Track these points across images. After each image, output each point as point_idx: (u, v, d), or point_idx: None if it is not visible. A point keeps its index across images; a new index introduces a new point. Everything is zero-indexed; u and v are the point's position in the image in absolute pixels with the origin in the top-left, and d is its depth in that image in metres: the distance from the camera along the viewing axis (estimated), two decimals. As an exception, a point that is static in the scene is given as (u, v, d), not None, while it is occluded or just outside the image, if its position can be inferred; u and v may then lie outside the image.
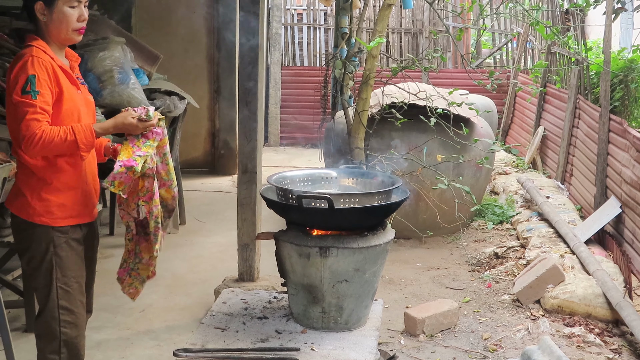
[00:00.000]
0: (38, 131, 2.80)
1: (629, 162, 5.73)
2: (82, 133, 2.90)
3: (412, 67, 6.06)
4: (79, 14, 3.00)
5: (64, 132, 2.86)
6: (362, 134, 5.84)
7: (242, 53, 4.81)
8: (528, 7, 6.86)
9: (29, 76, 2.83)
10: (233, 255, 5.14)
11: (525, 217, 6.80)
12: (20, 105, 2.82)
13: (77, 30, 3.02)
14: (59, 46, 3.05)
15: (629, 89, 7.22)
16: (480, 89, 8.36)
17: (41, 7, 2.96)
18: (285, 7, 12.87)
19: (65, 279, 3.03)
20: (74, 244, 3.06)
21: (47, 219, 2.99)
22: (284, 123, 12.53)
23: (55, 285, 3.01)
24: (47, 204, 2.99)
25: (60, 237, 3.01)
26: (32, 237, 3.00)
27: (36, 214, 2.98)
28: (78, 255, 3.09)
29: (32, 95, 2.82)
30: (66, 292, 3.04)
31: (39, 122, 2.82)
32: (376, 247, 3.21)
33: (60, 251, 3.01)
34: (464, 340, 4.59)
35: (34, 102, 2.82)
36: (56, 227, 3.00)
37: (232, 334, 3.25)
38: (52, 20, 2.97)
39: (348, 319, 3.28)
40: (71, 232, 3.05)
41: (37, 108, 2.82)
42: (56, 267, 3.01)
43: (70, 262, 3.05)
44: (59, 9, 2.96)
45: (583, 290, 4.88)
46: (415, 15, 12.82)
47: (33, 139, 2.79)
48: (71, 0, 2.97)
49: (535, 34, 10.64)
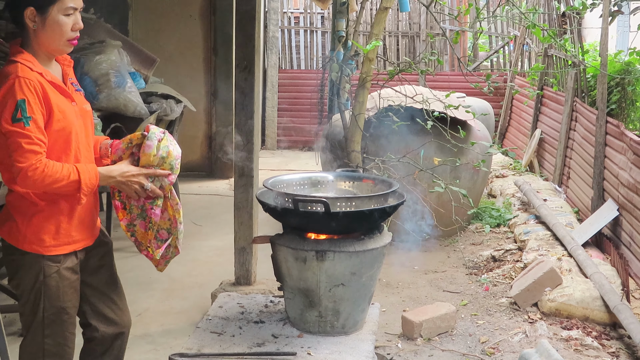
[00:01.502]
0: (39, 165, 2.56)
1: (626, 164, 5.73)
2: (86, 174, 2.68)
3: (409, 70, 6.07)
4: (73, 22, 2.70)
5: (67, 170, 2.63)
6: (358, 137, 5.84)
7: (238, 56, 4.80)
8: (525, 10, 6.86)
9: (18, 101, 2.54)
10: (230, 258, 5.12)
11: (523, 220, 6.79)
12: (12, 135, 2.55)
13: (70, 41, 2.73)
14: (47, 56, 2.75)
15: (626, 91, 7.23)
16: (477, 92, 8.37)
17: (32, 14, 2.64)
18: (282, 10, 12.87)
19: (53, 310, 2.81)
20: (66, 274, 2.82)
21: (38, 246, 2.74)
22: (281, 126, 12.52)
23: (42, 314, 2.80)
24: (38, 230, 2.73)
25: (52, 266, 2.77)
26: (21, 264, 2.77)
27: (26, 241, 2.74)
28: (70, 285, 2.85)
29: (24, 122, 2.54)
30: (52, 322, 2.82)
31: (37, 153, 2.57)
32: (373, 250, 3.20)
33: (50, 281, 2.77)
34: (461, 344, 4.58)
35: (27, 130, 2.54)
36: (47, 255, 2.76)
37: (229, 338, 3.23)
38: (44, 29, 2.66)
39: (345, 323, 3.27)
40: (64, 261, 2.81)
41: (33, 138, 2.56)
42: (44, 297, 2.78)
43: (60, 292, 2.80)
44: (53, 17, 2.65)
45: (581, 293, 4.87)
46: (412, 18, 12.83)
47: (33, 173, 2.56)
48: (67, 8, 2.66)
49: (532, 37, 10.65)
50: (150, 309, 5.11)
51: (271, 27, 12.43)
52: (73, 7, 2.69)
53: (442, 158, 5.81)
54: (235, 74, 4.83)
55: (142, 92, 6.48)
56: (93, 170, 2.72)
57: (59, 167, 2.62)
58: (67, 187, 2.65)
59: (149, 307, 5.15)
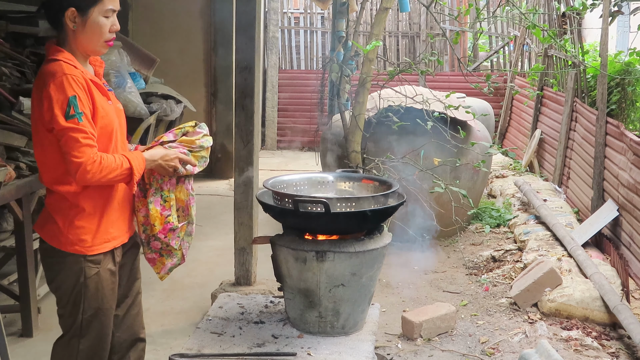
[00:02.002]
0: (96, 158, 2.62)
1: (626, 165, 5.74)
2: (136, 160, 2.77)
3: (409, 70, 6.07)
4: (111, 23, 2.77)
5: (119, 159, 2.71)
6: (358, 138, 5.84)
7: (238, 56, 4.80)
8: (525, 10, 6.86)
9: (70, 98, 2.59)
10: (230, 259, 5.12)
11: (523, 220, 6.79)
12: (67, 132, 2.59)
13: (107, 42, 2.79)
14: (84, 56, 2.81)
15: (626, 92, 7.23)
16: (477, 92, 8.37)
17: (73, 14, 2.69)
18: (282, 10, 12.88)
19: (92, 311, 2.86)
20: (105, 275, 2.87)
21: (79, 247, 2.78)
22: (281, 126, 12.53)
23: (81, 316, 2.85)
24: (80, 231, 2.78)
25: (92, 267, 2.81)
26: (62, 266, 2.81)
27: (68, 242, 2.77)
28: (109, 286, 2.90)
29: (77, 118, 2.60)
30: (90, 324, 2.87)
31: (93, 147, 2.63)
32: (373, 251, 3.20)
33: (90, 283, 2.82)
34: (461, 344, 4.58)
35: (81, 125, 2.60)
36: (89, 256, 2.80)
37: (229, 338, 3.23)
38: (84, 30, 2.72)
39: (345, 323, 3.27)
40: (104, 262, 2.85)
41: (88, 133, 2.62)
42: (84, 299, 2.83)
43: (99, 294, 2.86)
44: (93, 18, 2.71)
45: (580, 293, 4.88)
46: (412, 18, 12.83)
47: (92, 166, 2.61)
48: (106, 10, 2.73)
49: (532, 37, 10.65)
50: (150, 309, 5.11)
51: (271, 28, 12.43)
52: (112, 10, 2.77)
53: (442, 158, 5.81)
54: (235, 74, 4.83)
55: (142, 93, 6.48)
56: (140, 156, 2.82)
57: (112, 158, 2.69)
58: (121, 176, 2.73)
59: (149, 307, 5.15)
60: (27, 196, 4.54)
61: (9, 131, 4.77)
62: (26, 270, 4.56)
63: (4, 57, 5.59)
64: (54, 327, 4.77)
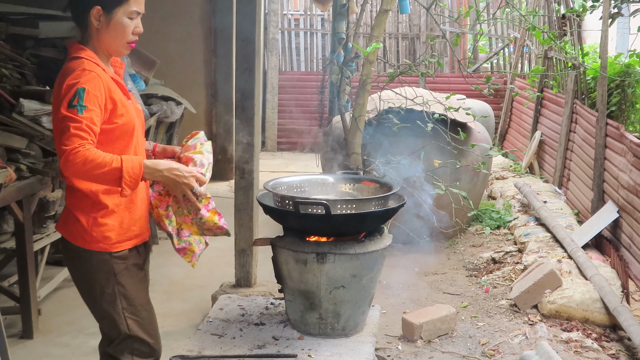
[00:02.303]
0: (81, 148, 2.51)
1: (626, 166, 5.74)
2: (129, 163, 2.59)
3: (409, 72, 6.07)
4: (135, 25, 2.78)
5: (110, 157, 2.56)
6: (359, 139, 5.84)
7: (238, 58, 4.80)
8: (525, 12, 6.87)
9: (78, 89, 2.56)
10: (230, 261, 5.12)
11: (523, 222, 6.80)
12: (65, 120, 2.54)
13: (129, 43, 2.81)
14: (106, 56, 2.82)
15: (626, 93, 7.23)
16: (477, 94, 8.38)
17: (98, 13, 2.70)
18: (282, 12, 12.89)
19: (132, 309, 2.83)
20: (134, 270, 2.85)
21: (104, 244, 2.75)
22: (281, 128, 12.53)
23: (123, 315, 2.81)
24: (104, 228, 2.74)
25: (120, 264, 2.78)
26: (89, 266, 2.77)
27: (93, 240, 2.73)
28: (140, 282, 2.89)
29: (77, 109, 2.54)
30: (136, 322, 2.83)
31: (83, 139, 2.53)
32: (373, 252, 3.21)
33: (122, 279, 2.79)
34: (461, 346, 4.58)
35: (79, 117, 2.54)
36: (115, 253, 2.77)
37: (229, 340, 3.24)
38: (108, 29, 2.73)
39: (345, 325, 3.27)
40: (130, 258, 2.83)
41: (83, 125, 2.54)
42: (120, 297, 2.80)
43: (134, 290, 2.83)
44: (118, 18, 2.72)
45: (580, 295, 4.88)
46: (412, 20, 12.85)
47: (75, 156, 2.50)
48: (131, 12, 2.75)
49: (532, 39, 10.66)
50: (150, 311, 5.11)
51: (271, 29, 12.44)
52: (137, 12, 2.78)
53: (443, 160, 5.82)
54: (236, 75, 4.84)
55: (143, 94, 6.48)
56: (137, 160, 2.63)
57: (101, 154, 2.55)
58: (109, 176, 2.56)
59: (150, 309, 5.14)
60: (28, 198, 4.55)
61: (9, 133, 4.78)
62: (26, 272, 4.56)
63: (4, 59, 5.60)
64: (55, 329, 4.79)
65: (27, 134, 4.87)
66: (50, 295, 5.27)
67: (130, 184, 2.60)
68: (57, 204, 5.13)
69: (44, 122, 4.99)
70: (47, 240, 5.02)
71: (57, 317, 5.00)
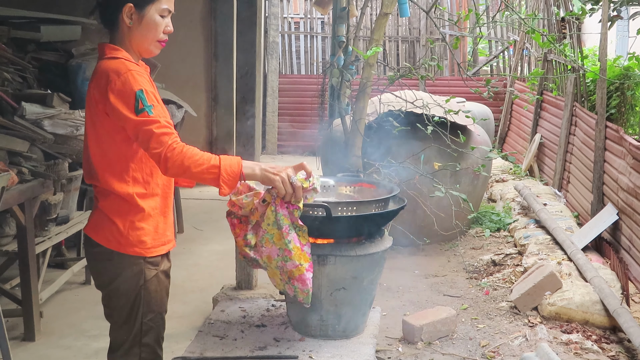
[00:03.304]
0: (176, 145, 2.50)
1: (625, 169, 5.75)
2: (227, 160, 2.58)
3: (409, 75, 6.08)
4: (166, 24, 2.73)
5: (208, 155, 2.56)
6: (359, 142, 5.85)
7: (239, 61, 4.82)
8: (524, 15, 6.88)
9: (137, 93, 2.53)
10: (231, 263, 5.14)
11: (523, 225, 6.81)
12: (140, 126, 2.51)
13: (160, 42, 2.76)
14: (137, 56, 2.76)
15: (625, 96, 7.25)
16: (477, 97, 8.40)
17: (130, 10, 2.66)
18: (283, 15, 12.91)
19: (152, 315, 2.79)
20: (162, 277, 2.81)
21: (140, 249, 2.70)
22: (282, 131, 12.55)
23: (140, 321, 2.76)
24: (140, 232, 2.70)
25: (151, 269, 2.75)
26: (121, 269, 2.71)
27: (129, 244, 2.69)
28: (165, 290, 2.85)
29: (147, 111, 2.52)
30: (150, 329, 2.80)
31: (171, 134, 2.53)
32: (374, 254, 3.22)
33: (150, 285, 2.75)
34: (461, 348, 4.59)
35: (153, 118, 2.52)
36: (148, 258, 2.73)
37: (231, 342, 3.25)
38: (140, 27, 2.69)
39: (346, 326, 3.28)
40: (161, 264, 2.80)
41: (162, 122, 2.53)
42: (143, 302, 2.75)
43: (158, 296, 2.80)
44: (150, 16, 2.68)
45: (580, 297, 4.89)
46: (412, 23, 12.87)
47: (172, 153, 2.49)
48: (163, 9, 2.70)
49: (531, 42, 10.69)
50: (151, 314, 5.12)
51: (271, 33, 12.47)
52: (168, 10, 2.74)
53: (443, 163, 5.83)
54: (236, 79, 4.85)
55: (143, 98, 6.49)
56: (235, 158, 2.62)
57: (197, 151, 2.55)
58: (207, 174, 2.55)
59: (151, 311, 5.15)
60: (30, 201, 4.56)
61: (11, 136, 4.80)
62: (28, 274, 4.57)
63: (6, 63, 5.62)
64: (56, 331, 4.80)
65: (28, 138, 4.89)
66: (52, 298, 5.29)
67: (229, 182, 2.58)
68: (58, 207, 5.15)
69: (45, 126, 5.01)
70: (48, 243, 5.04)
71: (59, 319, 5.01)
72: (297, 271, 2.89)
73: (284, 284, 2.98)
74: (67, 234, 5.38)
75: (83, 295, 5.47)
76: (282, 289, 3.03)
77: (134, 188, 2.69)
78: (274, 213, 2.83)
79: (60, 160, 5.14)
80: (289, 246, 2.85)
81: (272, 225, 2.86)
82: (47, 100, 5.24)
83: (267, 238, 2.88)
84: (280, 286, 3.02)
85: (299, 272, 2.89)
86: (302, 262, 2.89)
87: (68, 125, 5.11)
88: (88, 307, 5.16)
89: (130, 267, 2.71)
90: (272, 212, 2.84)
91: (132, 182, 2.68)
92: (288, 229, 2.84)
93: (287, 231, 2.84)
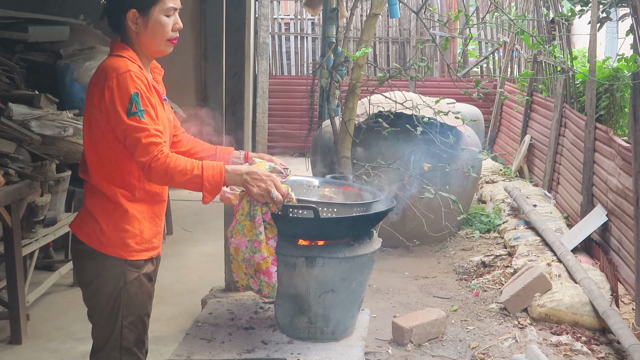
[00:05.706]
0: (160, 156, 2.52)
1: (615, 170, 5.76)
2: (209, 170, 2.60)
3: (398, 76, 6.08)
4: (173, 22, 2.71)
5: (191, 164, 2.58)
6: (348, 143, 5.84)
7: (228, 62, 4.80)
8: (514, 16, 6.89)
9: (132, 95, 2.53)
10: (220, 265, 5.12)
11: (513, 226, 6.81)
12: (131, 131, 2.52)
13: (171, 41, 2.74)
14: (148, 58, 2.76)
15: (615, 97, 7.27)
16: (467, 98, 8.39)
17: (134, 16, 2.65)
18: (273, 16, 12.89)
19: (132, 318, 2.75)
20: (144, 280, 2.78)
21: (122, 251, 2.68)
22: (272, 132, 12.52)
23: (120, 324, 2.72)
24: (124, 235, 2.68)
25: (133, 272, 2.72)
26: (101, 269, 2.69)
27: (110, 244, 2.67)
28: (147, 292, 2.83)
29: (139, 116, 2.52)
30: (130, 332, 2.76)
31: (157, 144, 2.53)
32: (362, 256, 3.20)
33: (131, 287, 2.71)
34: (451, 349, 4.59)
35: (144, 124, 2.52)
36: (130, 260, 2.71)
37: (218, 344, 3.23)
38: (146, 31, 2.67)
39: (335, 329, 3.26)
40: (144, 267, 2.77)
41: (151, 130, 2.53)
42: (123, 305, 2.71)
43: (139, 299, 2.76)
44: (155, 18, 2.66)
45: (570, 298, 4.89)
46: (402, 24, 12.87)
47: (156, 164, 2.51)
48: (167, 9, 2.67)
49: (521, 43, 10.70)
50: (140, 316, 5.09)
51: (261, 33, 12.43)
52: (173, 8, 2.71)
53: (432, 164, 5.82)
54: (226, 80, 4.84)
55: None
56: (218, 167, 2.64)
57: (182, 160, 2.57)
58: (191, 183, 2.59)
59: (139, 313, 5.13)
60: (16, 202, 4.53)
61: (-2, 137, 4.77)
62: (15, 277, 4.54)
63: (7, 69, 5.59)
64: (43, 334, 4.77)
65: (15, 139, 4.85)
66: (39, 300, 5.25)
67: (211, 191, 2.63)
68: (45, 208, 5.11)
69: (32, 127, 4.98)
70: (35, 245, 5.01)
71: (46, 322, 4.97)
72: (264, 263, 2.93)
73: (248, 279, 3.02)
74: (55, 235, 5.35)
75: (70, 297, 5.43)
76: (245, 284, 3.05)
77: (120, 188, 2.67)
78: (249, 203, 2.89)
79: (48, 162, 5.11)
80: (260, 237, 2.89)
81: (245, 216, 2.90)
82: (35, 101, 5.21)
83: (237, 229, 2.92)
84: (244, 281, 3.04)
85: (266, 265, 2.94)
86: (268, 254, 2.93)
87: (55, 126, 5.08)
88: (75, 310, 5.12)
89: (110, 268, 2.69)
90: (247, 202, 2.90)
91: (120, 182, 2.67)
92: (260, 221, 2.88)
93: (259, 222, 2.88)
